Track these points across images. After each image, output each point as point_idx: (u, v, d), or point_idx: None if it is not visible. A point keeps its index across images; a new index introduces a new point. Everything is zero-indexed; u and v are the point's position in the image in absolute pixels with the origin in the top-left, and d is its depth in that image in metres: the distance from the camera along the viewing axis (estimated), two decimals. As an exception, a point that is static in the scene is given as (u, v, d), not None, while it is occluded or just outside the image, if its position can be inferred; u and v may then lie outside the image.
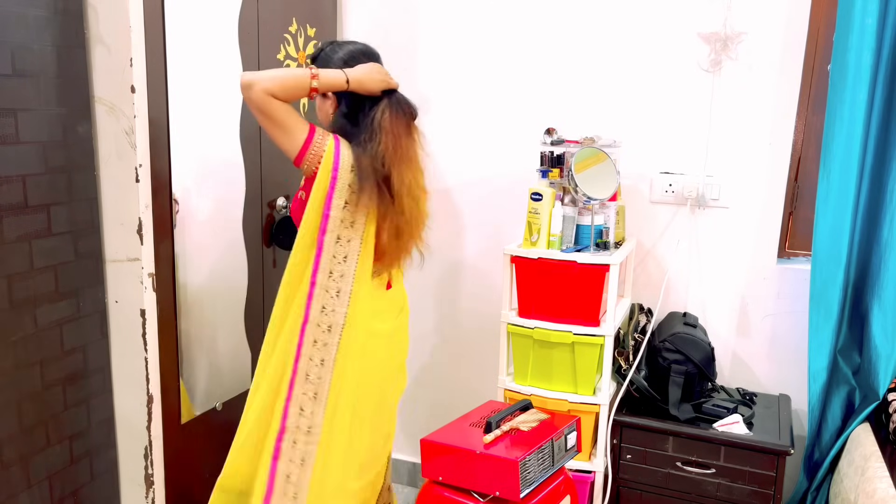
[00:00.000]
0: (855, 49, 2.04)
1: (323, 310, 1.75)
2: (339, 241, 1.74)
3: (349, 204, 1.73)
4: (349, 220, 1.74)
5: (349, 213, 1.74)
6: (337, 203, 1.73)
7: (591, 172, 2.15)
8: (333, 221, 1.73)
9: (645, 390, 2.27)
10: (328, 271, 1.74)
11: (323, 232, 1.73)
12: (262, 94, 1.66)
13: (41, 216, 1.71)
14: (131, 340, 1.90)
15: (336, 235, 1.74)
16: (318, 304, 1.74)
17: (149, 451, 1.94)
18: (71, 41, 1.74)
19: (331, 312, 1.75)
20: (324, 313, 1.75)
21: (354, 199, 1.73)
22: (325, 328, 1.75)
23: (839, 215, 2.14)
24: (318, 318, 1.75)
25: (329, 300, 1.75)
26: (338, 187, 1.72)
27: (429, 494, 1.90)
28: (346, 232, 1.74)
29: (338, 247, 1.74)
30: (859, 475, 1.91)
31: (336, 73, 1.75)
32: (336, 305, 1.75)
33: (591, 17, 2.44)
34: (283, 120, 1.70)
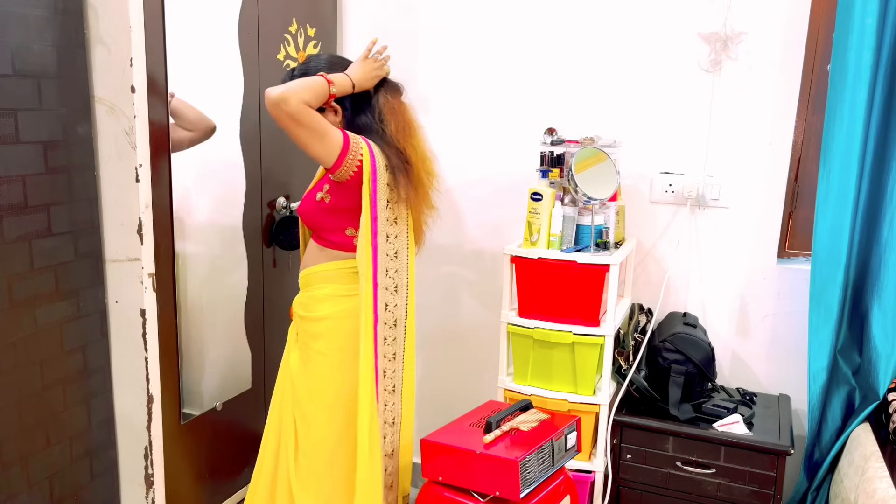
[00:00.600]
0: (855, 49, 2.04)
1: (387, 307, 1.84)
2: (389, 238, 1.82)
3: (390, 202, 1.82)
4: (393, 218, 1.83)
5: (391, 210, 1.82)
6: (381, 205, 1.80)
7: (591, 172, 2.15)
8: (381, 223, 1.80)
9: (645, 390, 2.27)
10: (385, 270, 1.83)
11: (374, 234, 1.79)
12: (300, 105, 1.67)
13: (41, 216, 1.71)
14: (131, 340, 1.90)
15: (385, 235, 1.82)
16: (381, 303, 1.82)
17: (149, 451, 1.94)
18: (71, 41, 1.74)
19: (393, 308, 1.86)
20: (388, 310, 1.84)
21: (394, 195, 1.81)
22: (391, 324, 1.85)
23: (839, 215, 2.14)
24: (384, 317, 1.83)
25: (390, 297, 1.84)
26: (379, 189, 1.78)
27: (429, 494, 1.90)
28: (392, 229, 1.83)
29: (388, 245, 1.83)
30: (859, 475, 1.91)
31: (343, 77, 1.79)
32: (397, 300, 1.86)
33: (592, 17, 2.44)
34: (321, 127, 1.72)
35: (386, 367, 1.85)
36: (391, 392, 1.88)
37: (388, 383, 1.87)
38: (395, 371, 1.88)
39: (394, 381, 1.88)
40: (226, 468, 2.29)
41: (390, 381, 1.87)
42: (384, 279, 1.82)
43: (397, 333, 1.87)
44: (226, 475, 2.30)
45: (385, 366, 1.85)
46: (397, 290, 1.85)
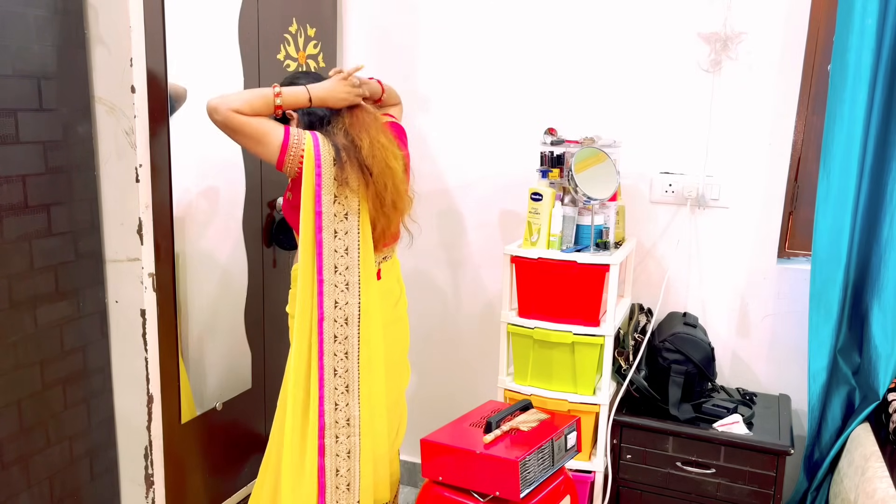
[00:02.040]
0: (855, 49, 2.04)
1: (336, 305, 1.79)
2: (337, 234, 1.78)
3: (338, 197, 1.77)
4: (342, 213, 1.78)
5: (340, 206, 1.77)
6: (326, 199, 1.76)
7: (591, 172, 2.15)
8: (327, 217, 1.76)
9: (645, 390, 2.27)
10: (332, 267, 1.78)
11: (319, 230, 1.76)
12: (227, 113, 1.69)
13: (41, 216, 1.71)
14: (131, 340, 1.90)
15: (332, 230, 1.77)
16: (329, 300, 1.78)
17: (149, 451, 1.94)
18: (71, 41, 1.74)
19: (344, 305, 1.80)
20: (338, 308, 1.79)
21: (343, 191, 1.77)
22: (341, 322, 1.80)
23: (839, 215, 2.14)
24: (333, 314, 1.79)
25: (340, 294, 1.79)
26: (324, 183, 1.75)
27: (429, 494, 1.90)
28: (342, 225, 1.78)
29: (336, 241, 1.78)
30: (859, 475, 1.91)
31: (298, 90, 1.78)
32: (348, 297, 1.80)
33: (592, 18, 2.44)
34: (253, 130, 1.72)
35: (337, 365, 1.81)
36: (344, 391, 1.82)
37: (339, 382, 1.82)
38: (348, 370, 1.82)
39: (346, 381, 1.82)
40: (226, 468, 2.29)
41: (342, 379, 1.82)
42: (332, 276, 1.78)
43: (349, 332, 1.81)
44: (226, 475, 2.30)
45: (336, 364, 1.81)
46: (348, 288, 1.80)
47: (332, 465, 1.83)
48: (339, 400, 1.82)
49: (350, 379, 1.83)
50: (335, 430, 1.82)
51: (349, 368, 1.82)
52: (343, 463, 1.84)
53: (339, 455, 1.83)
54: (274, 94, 1.75)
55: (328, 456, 1.82)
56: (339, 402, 1.82)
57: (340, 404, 1.82)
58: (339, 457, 1.83)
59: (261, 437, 2.39)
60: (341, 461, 1.84)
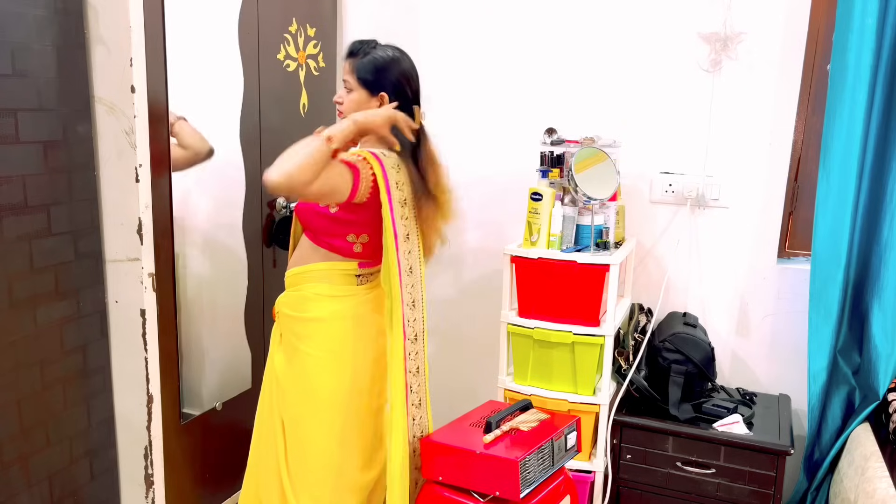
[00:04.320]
0: (855, 49, 2.04)
1: (408, 323, 1.84)
2: (407, 254, 1.83)
3: (403, 218, 1.81)
4: (404, 234, 1.82)
5: (404, 227, 1.81)
6: (399, 222, 1.79)
7: (591, 172, 2.15)
8: (401, 239, 1.80)
9: (645, 390, 2.27)
10: (408, 285, 1.83)
11: (398, 251, 1.79)
12: (304, 189, 1.63)
13: (41, 216, 1.71)
14: (131, 340, 1.90)
15: (406, 249, 1.82)
16: (406, 320, 1.83)
17: (149, 451, 1.94)
18: (71, 41, 1.74)
19: (413, 322, 1.85)
20: (409, 326, 1.84)
21: (407, 211, 1.81)
22: (412, 339, 1.85)
23: (839, 215, 2.14)
24: (408, 333, 1.84)
25: (409, 312, 1.84)
26: (395, 208, 1.77)
27: (429, 494, 1.90)
28: (405, 245, 1.82)
29: (405, 261, 1.82)
30: (859, 475, 1.91)
31: (345, 126, 1.72)
32: (416, 314, 1.86)
33: (592, 18, 2.44)
34: (329, 189, 1.69)
35: (412, 381, 1.85)
36: (418, 406, 1.88)
37: (414, 398, 1.87)
38: (420, 385, 1.88)
39: (419, 395, 1.88)
40: (226, 468, 2.29)
41: (416, 395, 1.87)
42: (408, 295, 1.82)
43: (418, 348, 1.86)
44: (226, 475, 2.30)
45: (411, 381, 1.85)
46: (415, 305, 1.85)
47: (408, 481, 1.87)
48: (416, 414, 1.87)
49: (423, 394, 1.89)
50: (413, 443, 1.88)
51: (421, 383, 1.88)
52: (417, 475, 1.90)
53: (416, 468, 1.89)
54: (327, 139, 1.66)
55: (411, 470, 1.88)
56: (415, 417, 1.87)
57: (417, 419, 1.88)
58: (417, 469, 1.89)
59: (261, 437, 2.39)
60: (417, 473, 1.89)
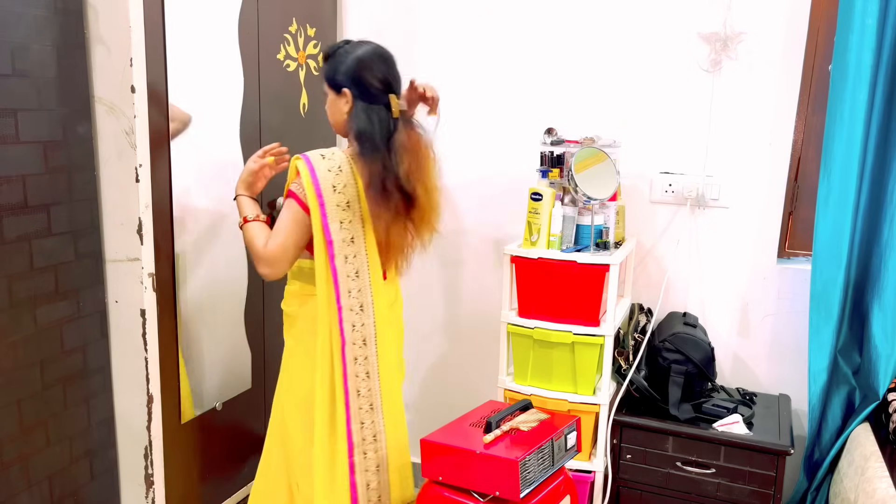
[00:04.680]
0: (855, 49, 2.04)
1: (354, 328, 1.82)
2: (347, 259, 1.80)
3: (343, 222, 1.77)
4: (349, 238, 1.79)
5: (347, 231, 1.78)
6: (334, 227, 1.77)
7: (591, 172, 2.15)
8: (337, 245, 1.77)
9: (645, 390, 2.27)
10: (348, 291, 1.80)
11: (332, 257, 1.78)
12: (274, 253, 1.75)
13: (41, 216, 1.71)
14: (131, 340, 1.89)
15: (343, 256, 1.79)
16: (348, 325, 1.81)
17: (149, 451, 1.94)
18: (71, 41, 1.74)
19: (361, 327, 1.83)
20: (355, 330, 1.82)
21: (346, 216, 1.77)
22: (360, 343, 1.83)
23: (839, 215, 2.14)
24: (353, 337, 1.82)
25: (356, 317, 1.82)
26: (328, 212, 1.75)
27: (429, 494, 1.90)
28: (350, 249, 1.79)
29: (348, 266, 1.80)
30: (859, 475, 1.91)
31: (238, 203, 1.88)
32: (364, 319, 1.83)
33: (591, 18, 2.44)
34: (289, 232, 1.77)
35: (360, 385, 1.84)
36: (369, 410, 1.86)
37: (363, 401, 1.85)
38: (371, 389, 1.86)
39: (370, 399, 1.86)
40: (226, 468, 2.29)
41: (366, 399, 1.85)
42: (348, 300, 1.80)
43: (368, 352, 1.84)
44: (226, 475, 2.30)
45: (359, 385, 1.84)
46: (363, 309, 1.83)
47: (363, 481, 1.86)
48: (365, 418, 1.85)
49: (373, 397, 1.86)
50: (363, 447, 1.86)
51: (371, 387, 1.86)
52: (373, 477, 1.88)
53: (368, 470, 1.87)
54: (240, 226, 1.84)
55: (358, 473, 1.86)
56: (364, 421, 1.85)
57: (366, 422, 1.86)
58: (369, 472, 1.87)
59: (261, 438, 2.38)
60: (371, 476, 1.88)
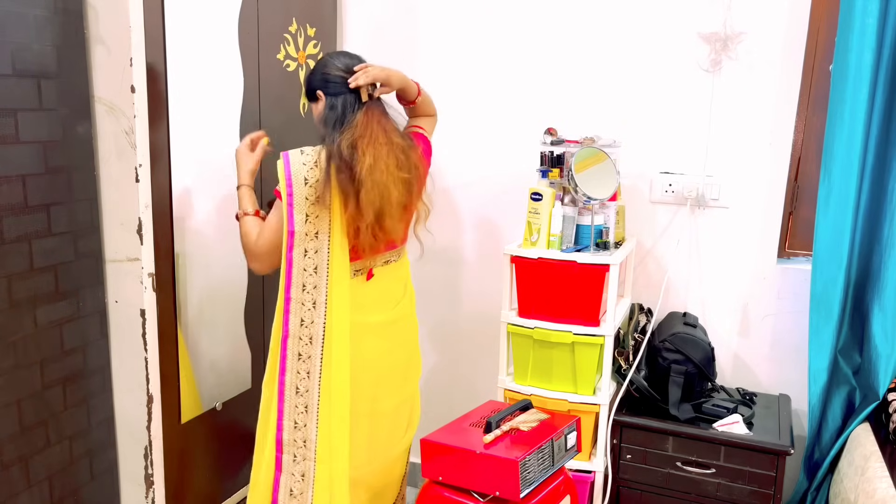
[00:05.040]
0: (856, 49, 2.04)
1: (302, 323, 1.79)
2: (307, 253, 1.77)
3: (310, 216, 1.76)
4: (313, 232, 1.77)
5: (311, 225, 1.76)
6: (298, 218, 1.75)
7: (591, 172, 2.15)
8: (298, 237, 1.76)
9: (645, 390, 2.27)
10: (300, 285, 1.78)
11: (290, 248, 1.77)
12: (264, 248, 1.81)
13: (41, 216, 1.71)
14: (131, 340, 1.89)
15: (303, 249, 1.77)
16: (295, 318, 1.78)
17: (149, 451, 1.94)
18: (71, 41, 1.74)
19: (310, 324, 1.79)
20: (303, 326, 1.79)
21: (314, 210, 1.76)
22: (306, 340, 1.79)
23: (840, 215, 2.14)
24: (299, 332, 1.79)
25: (307, 312, 1.78)
26: (295, 203, 1.75)
27: (429, 494, 1.90)
28: (312, 244, 1.77)
29: (307, 260, 1.77)
30: (859, 475, 1.91)
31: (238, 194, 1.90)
32: (314, 317, 1.78)
33: (591, 18, 2.44)
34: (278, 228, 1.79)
35: (299, 383, 1.79)
36: (303, 411, 1.80)
37: (300, 400, 1.80)
38: (309, 390, 1.79)
39: (306, 400, 1.80)
40: (226, 468, 2.29)
41: (302, 399, 1.80)
42: (299, 294, 1.78)
43: (312, 351, 1.78)
44: (226, 475, 2.30)
45: (298, 382, 1.79)
46: (315, 307, 1.78)
47: (287, 484, 1.81)
48: (299, 419, 1.80)
49: (310, 399, 1.80)
50: (293, 448, 1.80)
51: (310, 388, 1.80)
52: (297, 485, 1.81)
53: (293, 475, 1.81)
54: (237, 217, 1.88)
55: (284, 473, 1.82)
56: (297, 421, 1.80)
57: (299, 423, 1.80)
58: (294, 477, 1.81)
59: (261, 437, 2.39)
60: (295, 482, 1.81)
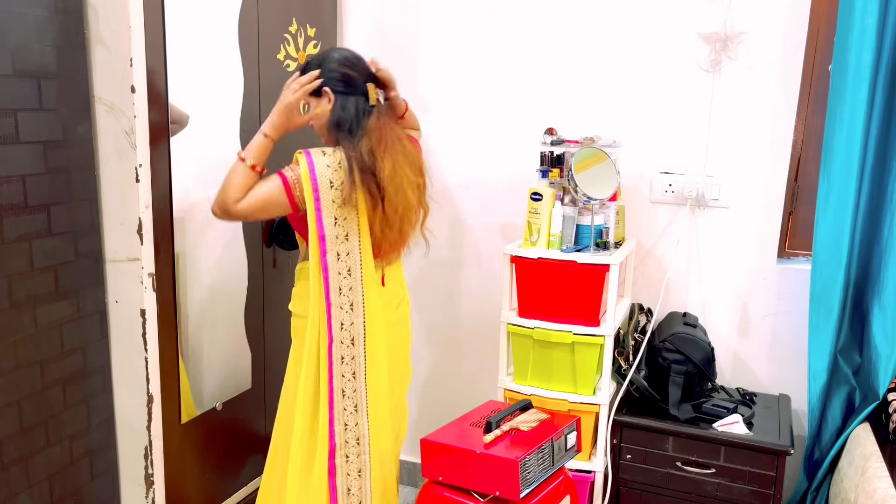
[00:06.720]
0: (855, 49, 2.04)
1: (342, 326, 1.81)
2: (339, 257, 1.79)
3: (338, 219, 1.77)
4: (343, 235, 1.79)
5: (341, 228, 1.78)
6: (328, 222, 1.77)
7: (591, 172, 2.15)
8: (330, 241, 1.78)
9: (645, 390, 2.27)
10: (338, 289, 1.80)
11: (323, 254, 1.78)
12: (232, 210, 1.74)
13: (41, 216, 1.71)
14: (131, 340, 1.90)
15: (335, 253, 1.78)
16: (336, 322, 1.81)
17: (149, 451, 1.94)
18: (71, 41, 1.74)
19: (350, 326, 1.82)
20: (343, 329, 1.81)
21: (343, 213, 1.77)
22: (348, 343, 1.82)
23: (839, 215, 2.14)
24: (340, 336, 1.81)
25: (346, 315, 1.81)
26: (323, 207, 1.76)
27: (429, 494, 1.90)
28: (343, 246, 1.79)
29: (340, 263, 1.79)
30: (859, 475, 1.91)
31: (255, 139, 1.80)
32: (353, 318, 1.82)
33: (591, 18, 2.44)
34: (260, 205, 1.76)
35: (345, 386, 1.82)
36: (353, 411, 1.84)
37: (348, 402, 1.83)
38: (356, 390, 1.84)
39: (355, 401, 1.84)
40: (226, 468, 2.29)
41: (350, 400, 1.83)
42: (338, 298, 1.79)
43: (356, 352, 1.83)
44: (226, 475, 2.30)
45: (344, 385, 1.82)
46: (353, 308, 1.81)
47: (344, 485, 1.85)
48: (349, 420, 1.84)
49: (358, 399, 1.85)
50: (346, 450, 1.84)
51: (357, 388, 1.84)
52: (354, 482, 1.86)
53: (349, 475, 1.86)
54: (240, 159, 1.77)
55: (339, 476, 1.84)
56: (348, 423, 1.84)
57: (350, 424, 1.84)
58: (350, 476, 1.86)
59: (261, 437, 2.39)
60: (352, 480, 1.86)
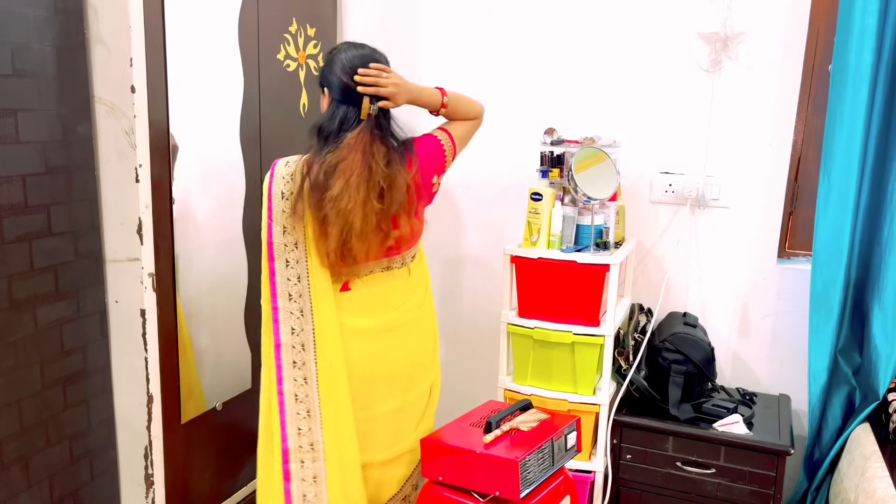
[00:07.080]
0: (855, 49, 2.04)
1: (293, 331, 1.80)
2: (289, 264, 1.79)
3: (287, 228, 1.78)
4: (292, 243, 1.79)
5: (290, 236, 1.79)
6: (276, 230, 1.78)
7: (591, 172, 2.15)
8: (278, 248, 1.78)
9: (645, 390, 2.27)
10: (286, 295, 1.80)
11: (271, 260, 1.79)
12: None
13: (41, 216, 1.71)
14: (131, 340, 1.90)
15: (284, 260, 1.79)
16: (285, 327, 1.80)
17: (149, 451, 1.94)
18: (71, 41, 1.74)
19: (300, 332, 1.81)
20: (294, 334, 1.80)
21: (291, 221, 1.78)
22: (299, 348, 1.81)
23: (839, 215, 2.14)
24: (291, 340, 1.80)
25: (296, 321, 1.80)
26: (274, 216, 1.77)
27: (429, 494, 1.90)
28: (293, 254, 1.79)
29: (289, 270, 1.79)
30: (859, 475, 1.91)
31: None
32: (303, 324, 1.81)
33: (591, 17, 2.44)
34: None
35: (297, 390, 1.81)
36: (306, 416, 1.81)
37: (300, 407, 1.81)
38: (308, 395, 1.81)
39: (307, 405, 1.81)
40: (226, 468, 2.29)
41: (303, 405, 1.81)
42: (287, 303, 1.79)
43: (307, 357, 1.81)
44: (226, 475, 2.30)
45: (296, 389, 1.81)
46: (303, 314, 1.81)
47: (299, 490, 1.81)
48: (302, 425, 1.81)
49: (311, 404, 1.81)
50: (300, 454, 1.81)
51: (309, 394, 1.81)
52: (310, 488, 1.82)
53: (304, 480, 1.82)
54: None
55: (294, 481, 1.81)
56: (301, 427, 1.81)
57: (303, 429, 1.81)
58: (306, 482, 1.82)
59: (261, 437, 2.39)
60: (308, 486, 1.82)
